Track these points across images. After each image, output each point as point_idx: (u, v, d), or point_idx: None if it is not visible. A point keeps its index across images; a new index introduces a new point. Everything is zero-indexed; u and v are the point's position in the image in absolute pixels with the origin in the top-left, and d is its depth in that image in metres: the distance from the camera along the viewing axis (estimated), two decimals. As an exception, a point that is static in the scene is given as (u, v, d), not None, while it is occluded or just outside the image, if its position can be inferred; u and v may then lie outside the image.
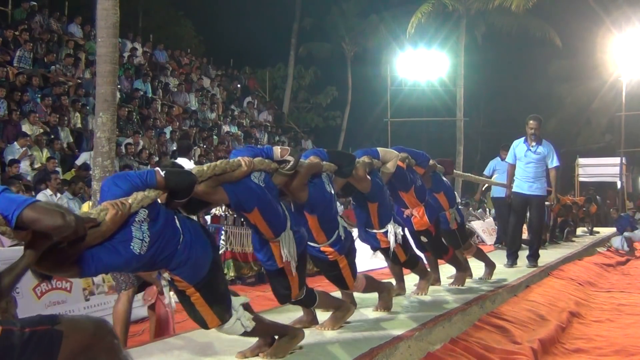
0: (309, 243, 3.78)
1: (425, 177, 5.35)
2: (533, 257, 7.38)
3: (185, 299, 2.80)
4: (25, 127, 9.97)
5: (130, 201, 2.43)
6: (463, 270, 5.80)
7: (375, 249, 4.78)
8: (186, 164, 6.57)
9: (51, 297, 4.92)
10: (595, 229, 14.75)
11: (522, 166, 7.17)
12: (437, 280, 5.81)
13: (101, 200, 2.47)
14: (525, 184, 7.14)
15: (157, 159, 11.72)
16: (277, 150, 3.40)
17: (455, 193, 13.70)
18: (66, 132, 10.92)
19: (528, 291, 6.23)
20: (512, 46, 25.72)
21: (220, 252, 7.51)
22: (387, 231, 4.52)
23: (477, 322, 4.60)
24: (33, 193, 8.09)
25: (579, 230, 13.89)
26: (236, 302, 2.95)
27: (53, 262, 2.16)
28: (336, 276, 4.00)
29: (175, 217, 2.70)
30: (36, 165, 9.40)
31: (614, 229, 14.37)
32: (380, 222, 4.53)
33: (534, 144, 7.10)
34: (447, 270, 5.98)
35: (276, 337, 3.23)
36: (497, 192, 9.87)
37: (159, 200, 2.68)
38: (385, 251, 4.69)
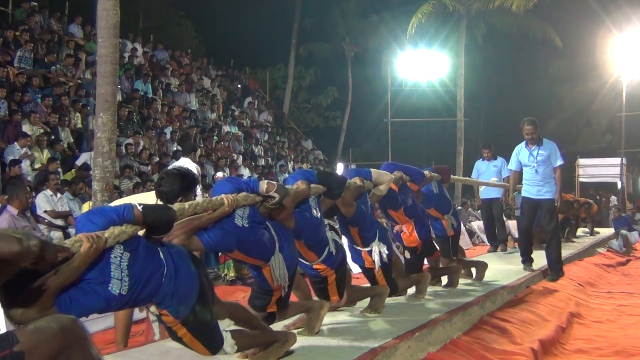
0: (301, 260, 3.78)
1: (418, 193, 5.39)
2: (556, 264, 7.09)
3: (173, 334, 2.73)
4: (26, 128, 9.96)
5: (106, 235, 2.35)
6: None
7: (361, 267, 4.74)
8: (189, 164, 6.57)
9: (52, 297, 4.90)
10: (595, 229, 14.72)
11: (530, 171, 7.01)
12: (437, 281, 5.82)
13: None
14: (534, 188, 6.98)
15: (157, 159, 11.73)
16: (262, 185, 3.36)
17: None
18: (66, 133, 10.90)
19: (528, 292, 6.24)
20: (512, 46, 25.73)
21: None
22: (371, 250, 4.53)
23: (477, 323, 4.62)
24: (34, 193, 8.09)
25: (580, 231, 13.86)
26: (220, 327, 2.88)
27: (27, 303, 2.09)
28: (321, 289, 4.05)
29: (159, 248, 2.63)
30: (36, 166, 9.39)
31: (613, 230, 14.36)
32: (363, 241, 4.55)
33: (534, 146, 7.01)
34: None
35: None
36: (485, 193, 9.77)
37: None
38: (368, 272, 4.64)
